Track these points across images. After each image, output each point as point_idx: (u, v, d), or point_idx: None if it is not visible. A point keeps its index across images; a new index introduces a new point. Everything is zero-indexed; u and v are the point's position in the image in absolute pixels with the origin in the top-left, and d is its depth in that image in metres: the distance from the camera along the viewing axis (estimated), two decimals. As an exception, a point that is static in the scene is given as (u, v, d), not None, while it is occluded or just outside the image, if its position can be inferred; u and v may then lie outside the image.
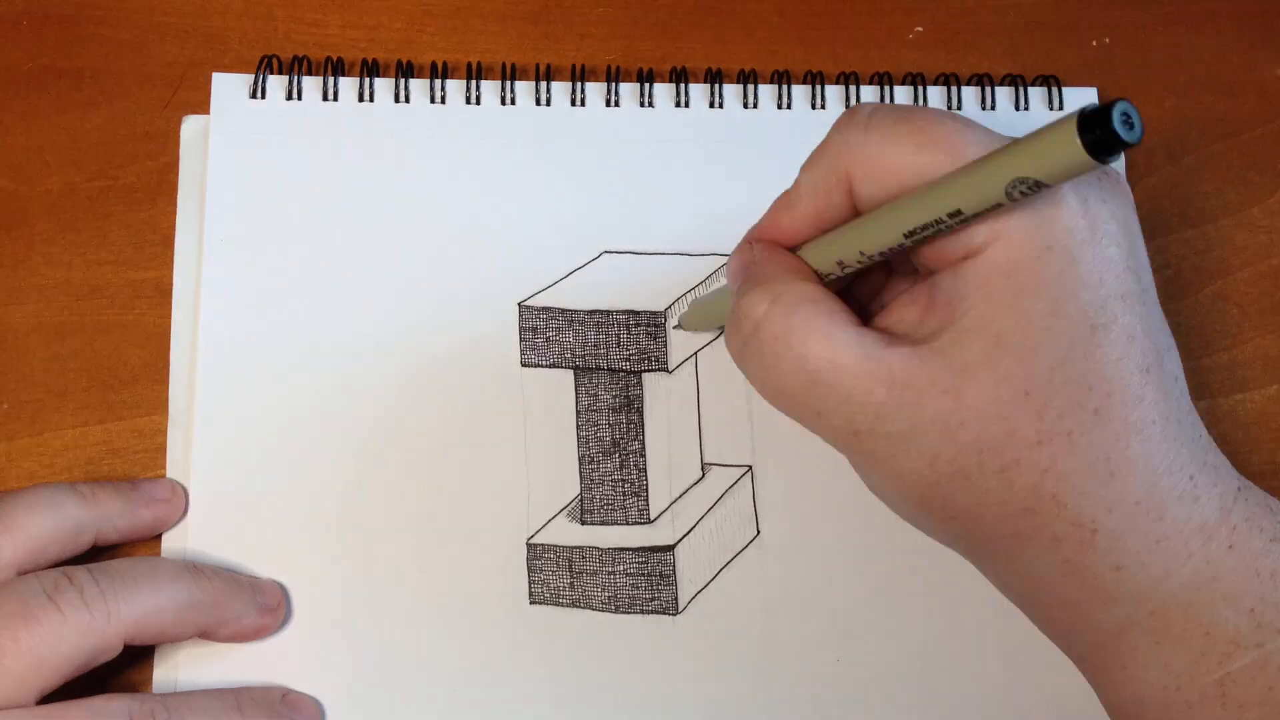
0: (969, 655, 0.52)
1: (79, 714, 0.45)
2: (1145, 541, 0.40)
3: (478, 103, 0.57)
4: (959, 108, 0.58)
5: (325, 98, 0.56)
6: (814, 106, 0.58)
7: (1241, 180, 0.60)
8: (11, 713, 0.44)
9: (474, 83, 0.57)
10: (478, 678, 0.51)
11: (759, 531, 0.53)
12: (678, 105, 0.58)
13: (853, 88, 0.58)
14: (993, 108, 0.58)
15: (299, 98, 0.56)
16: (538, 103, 0.57)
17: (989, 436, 0.40)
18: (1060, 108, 0.58)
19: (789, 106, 0.58)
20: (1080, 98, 0.59)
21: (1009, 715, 0.52)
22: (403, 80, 0.57)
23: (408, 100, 0.57)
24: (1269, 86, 0.61)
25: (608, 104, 0.57)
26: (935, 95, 0.58)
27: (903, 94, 0.58)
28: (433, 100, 0.57)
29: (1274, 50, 0.61)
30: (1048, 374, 0.39)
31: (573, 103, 0.57)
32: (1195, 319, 0.58)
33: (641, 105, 0.57)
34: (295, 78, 0.57)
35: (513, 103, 0.57)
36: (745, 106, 0.58)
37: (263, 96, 0.56)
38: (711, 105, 0.58)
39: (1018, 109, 0.58)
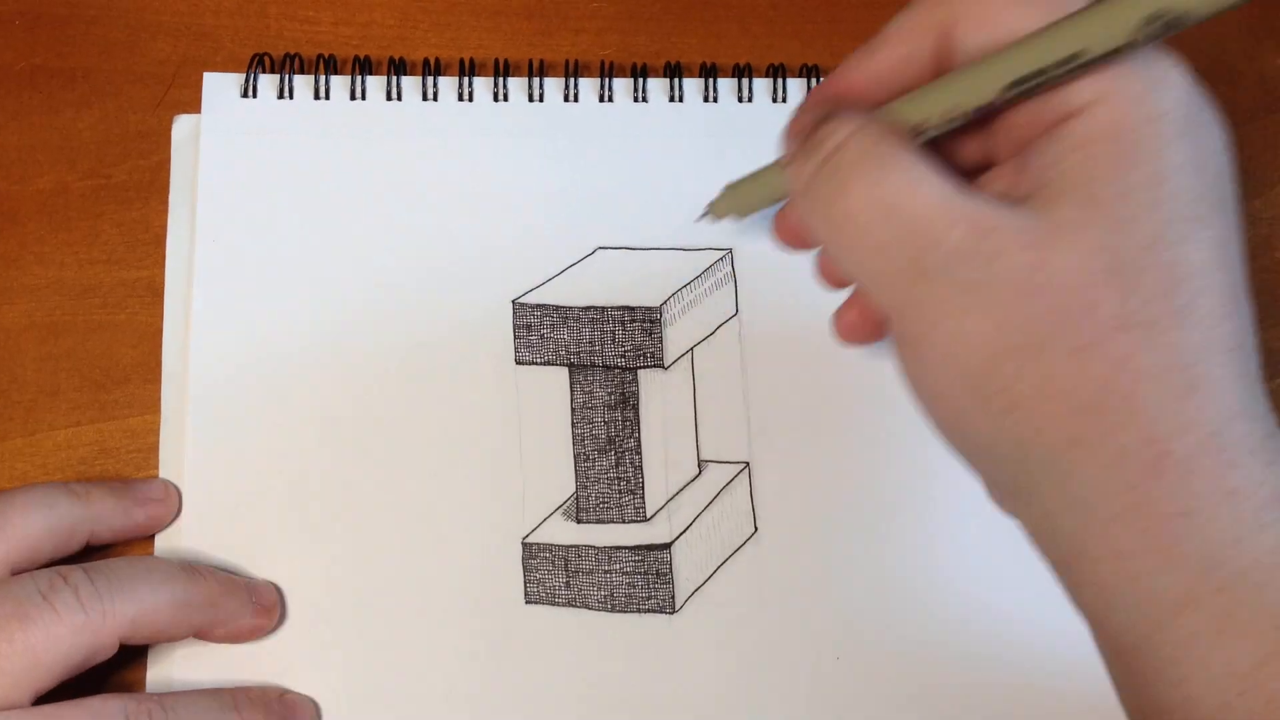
0: (968, 652, 0.52)
1: (75, 714, 0.44)
2: (1217, 488, 0.36)
3: (470, 99, 0.57)
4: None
5: (317, 96, 0.56)
6: (809, 100, 0.57)
7: (1242, 172, 0.59)
8: (7, 713, 0.43)
9: (466, 79, 0.57)
10: (473, 678, 0.51)
11: (756, 529, 0.53)
12: (672, 100, 0.57)
13: (848, 81, 0.58)
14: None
15: (290, 96, 0.56)
16: (530, 99, 0.57)
17: (1068, 307, 0.36)
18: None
19: (784, 100, 0.57)
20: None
21: (1008, 712, 0.52)
22: (395, 78, 0.57)
23: (400, 98, 0.57)
24: (1270, 77, 0.61)
25: (601, 99, 0.57)
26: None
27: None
28: (425, 98, 0.57)
29: (1275, 40, 0.61)
30: (1141, 250, 0.36)
31: (566, 98, 0.57)
32: (1195, 312, 0.57)
33: (635, 100, 0.57)
34: (286, 76, 0.56)
35: (505, 99, 0.57)
36: (740, 100, 0.57)
37: (254, 95, 0.56)
38: (706, 99, 0.57)
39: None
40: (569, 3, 0.60)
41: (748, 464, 0.54)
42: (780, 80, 0.58)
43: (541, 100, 0.57)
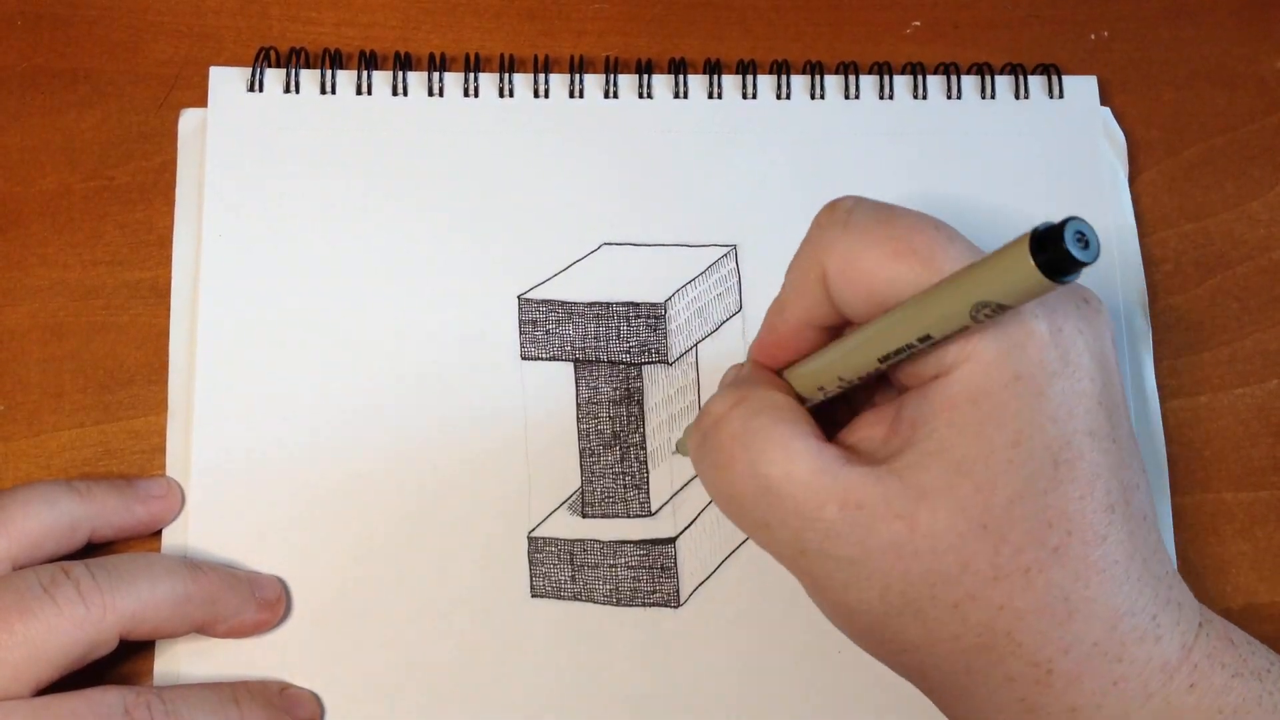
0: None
1: (75, 706, 0.44)
2: (1102, 683, 0.39)
3: (475, 95, 0.57)
4: (959, 97, 0.58)
5: (323, 90, 0.56)
6: (813, 97, 0.58)
7: (1241, 174, 0.60)
8: (7, 704, 0.43)
9: (472, 75, 0.57)
10: (479, 672, 0.51)
11: (761, 524, 0.53)
12: (676, 96, 0.57)
13: (852, 77, 0.58)
14: (993, 96, 0.58)
15: (296, 90, 0.56)
16: (536, 95, 0.57)
17: (943, 568, 0.39)
18: (1060, 96, 0.58)
19: (788, 97, 0.58)
20: (1080, 86, 0.59)
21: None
22: (400, 73, 0.57)
23: (405, 93, 0.57)
24: (1269, 79, 0.61)
25: (606, 95, 0.57)
26: (935, 85, 0.58)
27: (902, 84, 0.58)
28: (430, 93, 0.57)
29: (1274, 43, 0.61)
30: (1006, 507, 0.38)
31: (571, 94, 0.57)
32: (1195, 313, 0.57)
33: (640, 96, 0.57)
34: (293, 70, 0.56)
35: (511, 95, 0.57)
36: (744, 97, 0.58)
37: (260, 89, 0.56)
38: (710, 96, 0.58)
39: (1017, 97, 0.58)
40: (571, 4, 0.60)
41: (752, 460, 0.54)
42: (785, 77, 0.58)
43: (547, 96, 0.57)
